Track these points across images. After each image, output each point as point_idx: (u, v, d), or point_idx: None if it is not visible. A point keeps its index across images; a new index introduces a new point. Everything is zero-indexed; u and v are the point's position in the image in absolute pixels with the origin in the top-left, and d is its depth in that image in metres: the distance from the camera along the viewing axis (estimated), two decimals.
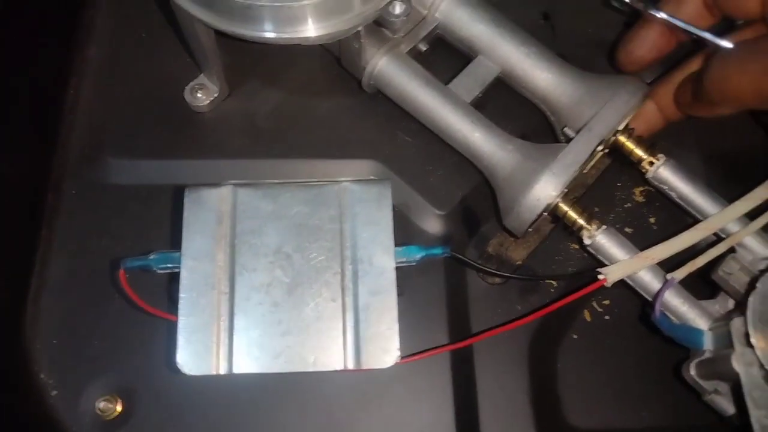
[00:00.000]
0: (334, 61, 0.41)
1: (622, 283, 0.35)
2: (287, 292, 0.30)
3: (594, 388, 0.36)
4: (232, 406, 0.33)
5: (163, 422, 0.33)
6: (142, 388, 0.33)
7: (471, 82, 0.38)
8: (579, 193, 0.39)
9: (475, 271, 0.38)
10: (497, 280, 0.38)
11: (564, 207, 0.35)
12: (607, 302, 0.38)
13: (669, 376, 0.36)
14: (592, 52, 0.42)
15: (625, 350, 0.37)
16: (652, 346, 0.36)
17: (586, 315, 0.38)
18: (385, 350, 0.29)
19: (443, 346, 0.33)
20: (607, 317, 0.38)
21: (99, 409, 0.33)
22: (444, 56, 0.40)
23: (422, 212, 0.38)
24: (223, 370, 0.29)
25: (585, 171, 0.37)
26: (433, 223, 0.38)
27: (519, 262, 0.39)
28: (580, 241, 0.36)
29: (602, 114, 0.35)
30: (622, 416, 0.35)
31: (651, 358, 0.36)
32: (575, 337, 0.37)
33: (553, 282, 0.38)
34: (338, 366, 0.29)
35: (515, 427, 0.34)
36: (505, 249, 0.39)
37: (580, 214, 0.35)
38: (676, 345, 0.34)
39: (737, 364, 0.30)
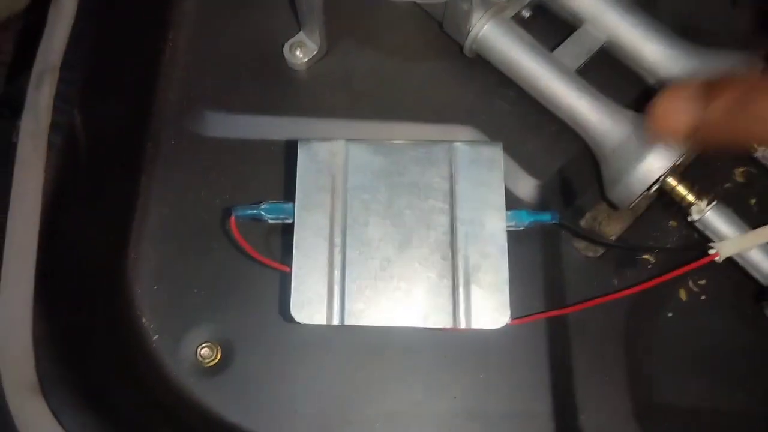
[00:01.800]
0: (431, 25, 0.40)
1: (725, 262, 0.34)
2: (398, 249, 0.30)
3: (688, 367, 0.35)
4: (329, 359, 0.34)
5: (261, 371, 0.33)
6: (242, 338, 0.34)
7: (576, 50, 0.37)
8: (683, 167, 0.39)
9: (571, 243, 0.37)
10: (591, 253, 0.37)
11: (673, 181, 0.34)
12: (703, 282, 0.37)
13: (767, 359, 0.35)
14: (695, 26, 0.40)
15: (720, 331, 0.36)
16: (750, 328, 0.36)
17: (682, 294, 0.37)
18: (496, 311, 0.29)
19: (551, 310, 0.33)
20: (702, 297, 0.37)
21: (200, 355, 0.33)
22: (545, 24, 0.39)
23: (518, 180, 0.38)
24: (335, 321, 0.29)
25: None
26: (528, 192, 0.38)
27: (613, 237, 0.38)
28: (685, 217, 0.35)
29: None
30: (717, 396, 0.35)
31: (748, 340, 0.36)
32: (670, 315, 0.36)
33: (650, 258, 0.37)
34: (448, 324, 0.29)
35: (609, 398, 0.34)
36: (599, 224, 0.39)
37: (690, 189, 0.34)
38: None
39: None
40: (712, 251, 0.32)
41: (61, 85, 0.29)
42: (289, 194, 0.31)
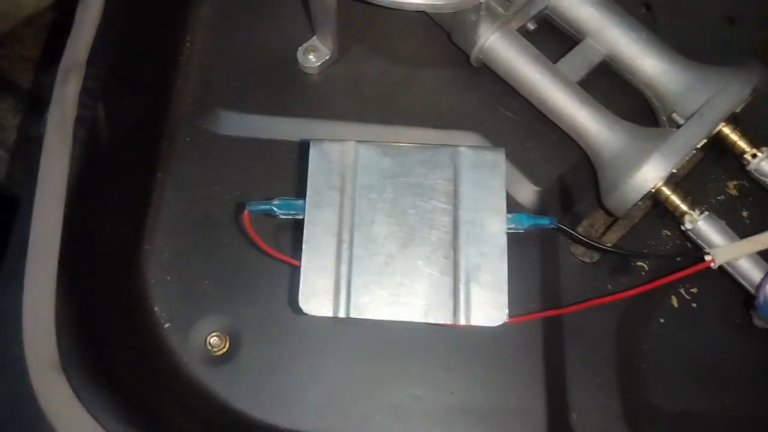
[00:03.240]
0: (439, 35, 0.42)
1: (716, 271, 0.35)
2: (402, 246, 0.31)
3: (678, 372, 0.37)
4: (332, 352, 0.35)
5: (267, 361, 0.35)
6: (250, 329, 0.35)
7: (578, 63, 0.39)
8: (677, 178, 0.40)
9: (568, 248, 0.38)
10: (587, 259, 0.39)
11: (667, 191, 0.35)
12: (694, 290, 0.38)
13: (754, 366, 0.36)
14: (693, 44, 0.42)
15: (710, 338, 0.37)
16: (738, 336, 0.37)
17: (674, 301, 0.38)
18: (495, 309, 0.31)
19: (548, 310, 0.34)
20: (694, 304, 0.38)
21: (209, 344, 0.34)
22: (549, 37, 0.41)
23: (519, 186, 0.39)
24: (342, 314, 0.30)
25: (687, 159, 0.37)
26: (528, 198, 0.39)
27: (609, 245, 0.39)
28: (678, 226, 0.36)
29: (714, 102, 0.35)
30: (705, 401, 0.36)
31: (737, 348, 0.37)
32: (662, 321, 0.38)
33: (645, 265, 0.38)
34: (449, 320, 0.30)
35: (600, 398, 0.35)
36: (596, 231, 0.40)
37: (684, 199, 0.35)
38: None
39: None
40: (708, 257, 0.34)
41: (86, 81, 0.30)
42: (299, 192, 0.33)
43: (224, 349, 0.34)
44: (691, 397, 0.36)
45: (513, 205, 0.39)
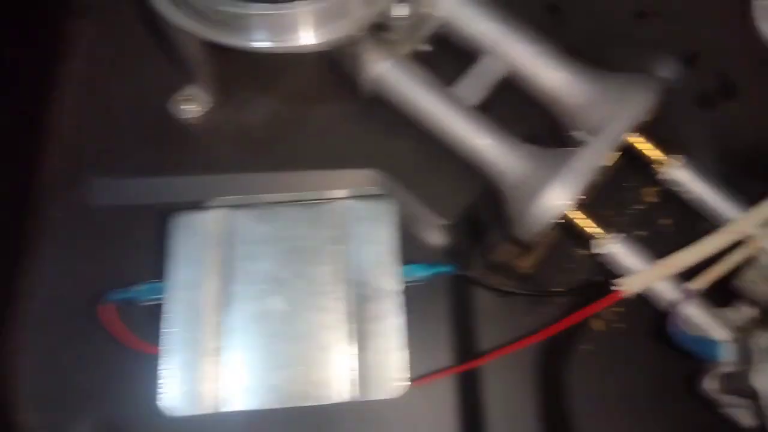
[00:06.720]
0: (329, 66, 0.39)
1: None
2: (286, 322, 0.29)
3: (606, 402, 0.34)
4: None
5: None
6: (130, 426, 0.31)
7: (477, 83, 0.36)
8: (589, 195, 0.38)
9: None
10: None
11: (570, 215, 0.33)
12: (620, 309, 0.36)
13: (683, 388, 0.34)
14: (602, 47, 0.39)
15: (639, 360, 0.35)
16: (668, 355, 0.35)
17: (599, 325, 0.36)
18: (394, 379, 0.28)
19: (449, 368, 0.32)
20: (621, 325, 0.36)
21: None
22: (447, 56, 0.38)
23: (426, 222, 0.36)
24: (210, 409, 0.27)
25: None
26: (437, 234, 0.36)
27: (528, 269, 0.37)
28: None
29: (615, 116, 0.33)
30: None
31: (666, 369, 0.35)
32: (585, 347, 0.35)
33: (563, 290, 0.36)
34: (344, 398, 0.28)
35: None
36: (513, 257, 0.37)
37: (589, 222, 0.33)
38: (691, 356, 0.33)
39: (757, 381, 0.28)
40: (617, 288, 0.32)
41: None
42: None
43: None
44: (620, 426, 0.34)
45: (419, 247, 0.36)
